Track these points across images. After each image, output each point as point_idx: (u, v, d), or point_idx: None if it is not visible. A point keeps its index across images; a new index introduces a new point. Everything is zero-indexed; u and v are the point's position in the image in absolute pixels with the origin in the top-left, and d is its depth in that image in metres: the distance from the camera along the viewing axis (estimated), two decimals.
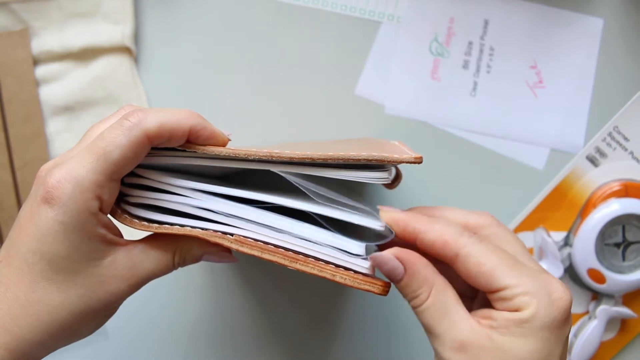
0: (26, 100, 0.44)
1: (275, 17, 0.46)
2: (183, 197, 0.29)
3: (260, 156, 0.28)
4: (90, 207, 0.27)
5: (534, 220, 0.46)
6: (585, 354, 0.44)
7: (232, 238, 0.29)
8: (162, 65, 0.46)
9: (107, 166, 0.27)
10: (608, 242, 0.43)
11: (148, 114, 0.27)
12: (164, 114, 0.28)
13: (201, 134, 0.29)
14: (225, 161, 0.29)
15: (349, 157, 0.28)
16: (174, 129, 0.28)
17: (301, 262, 0.28)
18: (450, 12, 0.46)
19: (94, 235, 0.27)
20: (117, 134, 0.27)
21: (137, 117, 0.27)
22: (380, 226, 0.30)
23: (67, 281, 0.27)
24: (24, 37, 0.44)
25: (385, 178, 0.30)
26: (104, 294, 0.28)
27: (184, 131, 0.28)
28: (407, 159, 0.29)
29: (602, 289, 0.43)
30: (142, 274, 0.29)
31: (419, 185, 0.46)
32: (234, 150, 0.29)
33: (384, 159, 0.29)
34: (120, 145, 0.27)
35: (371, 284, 0.28)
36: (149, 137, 0.27)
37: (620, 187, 0.44)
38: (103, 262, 0.28)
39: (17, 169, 0.44)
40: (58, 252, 0.26)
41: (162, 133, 0.27)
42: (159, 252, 0.30)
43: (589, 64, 0.46)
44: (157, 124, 0.27)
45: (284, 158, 0.28)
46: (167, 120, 0.27)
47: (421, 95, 0.46)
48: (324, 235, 0.29)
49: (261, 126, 0.46)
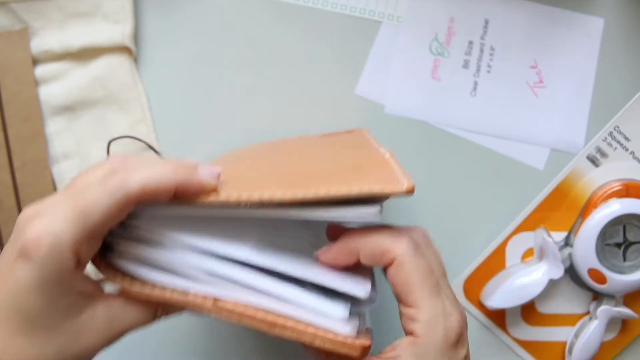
0: (25, 100, 0.44)
1: (275, 17, 0.46)
2: (170, 252, 0.29)
3: (251, 202, 0.27)
4: (68, 264, 0.26)
5: (534, 220, 0.45)
6: (586, 355, 0.44)
7: (210, 306, 0.28)
8: (162, 64, 0.46)
9: (88, 224, 0.26)
10: (609, 242, 0.43)
11: (133, 174, 0.27)
12: (149, 173, 0.27)
13: (188, 189, 0.28)
14: (214, 210, 0.29)
15: (340, 194, 0.27)
16: (158, 190, 0.27)
17: (279, 328, 0.28)
18: (450, 11, 0.46)
19: (72, 290, 0.27)
20: (100, 193, 0.26)
21: (120, 178, 0.27)
22: (364, 293, 0.29)
23: (43, 336, 0.26)
24: (24, 37, 0.44)
25: (375, 214, 0.28)
26: (81, 348, 0.27)
27: (168, 191, 0.27)
28: (398, 191, 0.28)
29: (602, 289, 0.43)
30: (121, 328, 0.29)
31: (419, 185, 0.46)
32: (222, 202, 0.28)
33: (376, 193, 0.27)
34: (102, 206, 0.26)
35: (350, 348, 0.28)
36: (131, 200, 0.27)
37: (621, 187, 0.44)
38: (81, 317, 0.27)
39: (17, 170, 0.44)
40: (34, 308, 0.26)
41: (145, 196, 0.27)
42: (140, 306, 0.29)
43: (589, 64, 0.46)
44: (140, 186, 0.26)
45: (274, 202, 0.27)
46: (150, 182, 0.27)
47: (421, 95, 0.46)
48: (307, 298, 0.28)
49: (261, 125, 0.46)
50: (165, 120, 0.46)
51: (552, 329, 0.46)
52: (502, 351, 0.46)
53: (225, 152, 0.45)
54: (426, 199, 0.46)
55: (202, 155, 0.46)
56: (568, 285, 0.45)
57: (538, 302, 0.46)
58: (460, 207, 0.46)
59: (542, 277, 0.43)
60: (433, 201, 0.46)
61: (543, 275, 0.43)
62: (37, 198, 0.44)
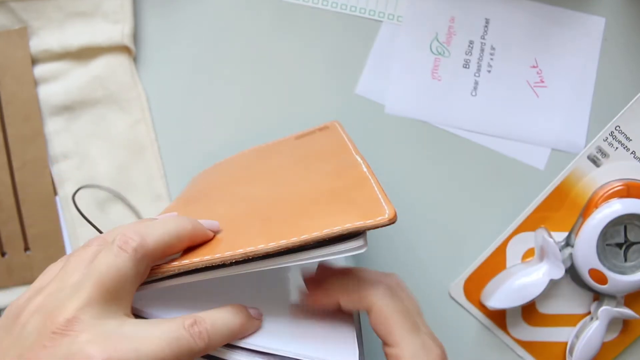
0: (25, 99, 0.44)
1: (275, 16, 0.46)
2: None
3: (237, 258, 0.27)
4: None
5: (535, 220, 0.45)
6: (587, 355, 0.44)
7: None
8: (162, 64, 0.46)
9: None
10: (610, 243, 0.43)
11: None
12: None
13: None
14: (203, 273, 0.28)
15: (322, 236, 0.27)
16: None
17: None
18: (450, 11, 0.46)
19: None
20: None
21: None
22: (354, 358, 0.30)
23: None
24: (23, 36, 0.44)
25: (359, 247, 0.28)
26: None
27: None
28: (380, 224, 0.27)
29: (603, 290, 0.43)
30: None
31: (419, 185, 0.46)
32: (208, 260, 0.28)
33: (358, 228, 0.27)
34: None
35: None
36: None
37: (622, 187, 0.44)
38: None
39: (16, 170, 0.44)
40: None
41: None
42: None
43: (590, 63, 0.46)
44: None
45: (259, 253, 0.27)
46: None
47: (421, 94, 0.46)
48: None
49: (260, 125, 0.46)
50: (164, 120, 0.46)
51: (553, 330, 0.46)
52: (502, 352, 0.46)
53: (217, 160, 0.45)
54: (426, 199, 0.46)
55: (201, 155, 0.46)
56: (569, 286, 0.45)
57: (539, 302, 0.45)
58: (460, 207, 0.46)
59: (543, 277, 0.43)
60: (433, 201, 0.46)
61: (544, 275, 0.43)
62: (36, 198, 0.44)
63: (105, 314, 0.25)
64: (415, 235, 0.46)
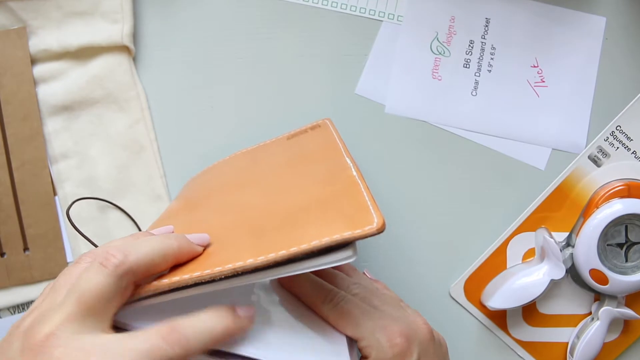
0: (24, 99, 0.44)
1: (275, 16, 0.46)
2: None
3: (227, 274, 0.27)
4: None
5: (535, 220, 0.45)
6: (588, 356, 0.44)
7: None
8: (161, 64, 0.46)
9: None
10: (610, 243, 0.43)
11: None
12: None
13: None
14: (192, 289, 0.28)
15: (310, 248, 0.27)
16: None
17: None
18: (451, 10, 0.46)
19: None
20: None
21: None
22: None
23: None
24: (22, 36, 0.43)
25: (348, 257, 0.27)
26: None
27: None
28: (369, 234, 0.27)
29: (604, 290, 0.43)
30: None
31: (419, 185, 0.46)
32: (197, 277, 0.28)
33: (347, 239, 0.27)
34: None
35: None
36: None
37: (623, 187, 0.44)
38: None
39: (15, 169, 0.44)
40: None
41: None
42: None
43: (591, 63, 0.46)
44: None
45: (247, 269, 0.27)
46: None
47: (421, 94, 0.46)
48: None
49: (260, 125, 0.46)
50: (164, 120, 0.46)
51: (554, 330, 0.46)
52: (503, 352, 0.46)
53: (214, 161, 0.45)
54: (426, 199, 0.46)
55: (201, 155, 0.46)
56: (569, 286, 0.45)
57: (539, 302, 0.45)
58: (461, 207, 0.46)
59: (544, 277, 0.43)
60: (433, 201, 0.46)
61: (544, 275, 0.43)
62: (35, 198, 0.44)
63: (83, 329, 0.26)
64: (415, 236, 0.46)
